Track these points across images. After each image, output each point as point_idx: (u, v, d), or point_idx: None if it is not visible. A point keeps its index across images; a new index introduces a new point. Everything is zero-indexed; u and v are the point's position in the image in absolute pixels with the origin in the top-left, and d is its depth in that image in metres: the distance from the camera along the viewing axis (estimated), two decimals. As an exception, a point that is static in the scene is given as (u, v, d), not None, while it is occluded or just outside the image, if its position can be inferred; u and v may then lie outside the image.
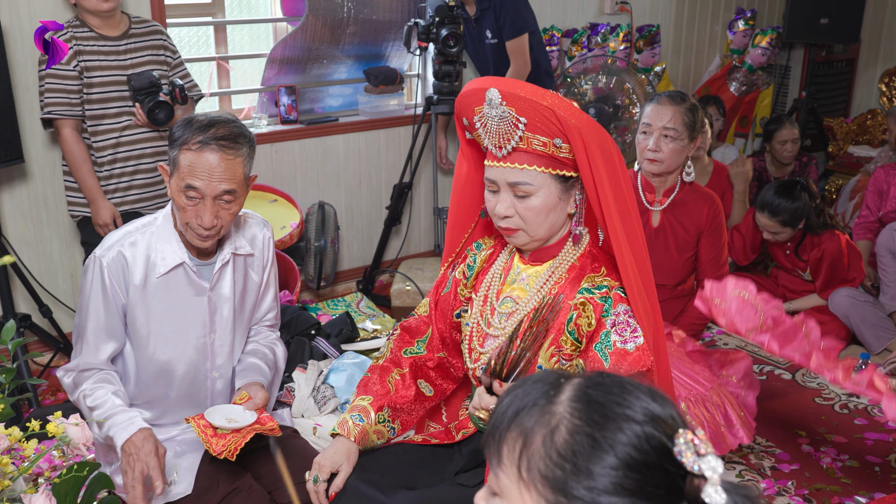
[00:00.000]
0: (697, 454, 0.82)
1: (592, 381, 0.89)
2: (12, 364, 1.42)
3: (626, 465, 0.82)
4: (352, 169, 4.18)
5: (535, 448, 0.86)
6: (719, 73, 5.31)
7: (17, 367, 1.44)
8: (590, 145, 1.49)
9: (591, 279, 1.61)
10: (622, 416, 0.84)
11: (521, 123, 1.50)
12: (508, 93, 1.50)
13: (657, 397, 0.88)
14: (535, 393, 0.89)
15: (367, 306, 3.96)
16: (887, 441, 2.87)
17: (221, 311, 2.01)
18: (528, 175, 1.56)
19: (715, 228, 2.85)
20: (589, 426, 0.84)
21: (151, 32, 3.04)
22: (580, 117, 1.49)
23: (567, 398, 0.87)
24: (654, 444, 0.83)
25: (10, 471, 1.26)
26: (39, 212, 3.34)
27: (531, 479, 0.85)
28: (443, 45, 3.66)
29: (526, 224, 1.60)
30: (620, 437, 0.83)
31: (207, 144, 1.80)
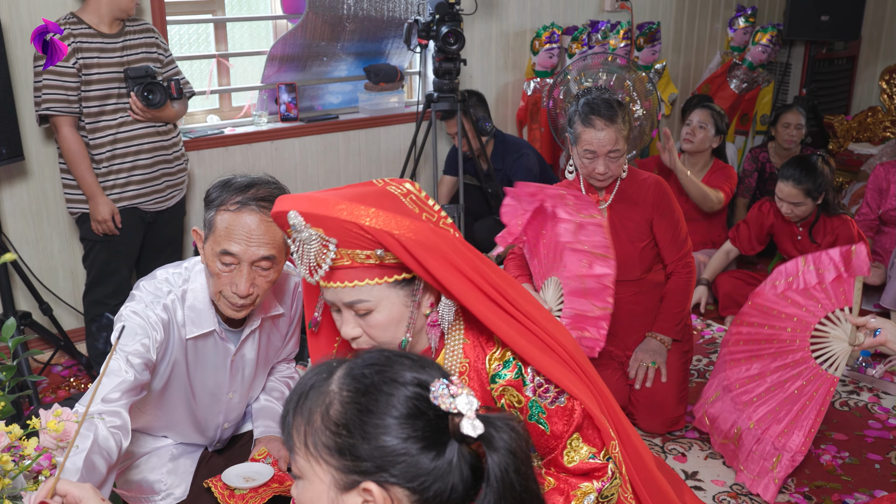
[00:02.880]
0: (452, 396, 0.94)
1: (361, 357, 1.01)
2: (12, 361, 1.42)
3: (394, 418, 0.94)
4: (352, 166, 4.18)
5: (316, 426, 0.97)
6: (720, 71, 5.30)
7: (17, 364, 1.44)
8: (411, 245, 1.30)
9: (494, 359, 1.47)
10: (386, 381, 0.97)
11: (332, 243, 1.32)
12: (311, 214, 1.32)
13: (421, 362, 1.01)
14: (310, 380, 1.01)
15: (368, 304, 3.96)
16: (888, 438, 2.87)
17: (243, 371, 1.95)
18: (361, 292, 1.36)
19: (664, 211, 2.82)
20: (358, 394, 0.96)
21: (145, 31, 3.05)
22: (396, 223, 1.30)
23: (339, 376, 0.99)
24: (415, 397, 0.96)
25: (10, 468, 1.26)
26: (39, 209, 3.34)
27: (318, 454, 0.97)
28: (443, 42, 3.66)
29: (377, 340, 1.42)
30: (387, 398, 0.95)
31: (247, 205, 1.67)
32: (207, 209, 1.73)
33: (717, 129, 4.01)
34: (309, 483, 0.98)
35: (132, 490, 1.95)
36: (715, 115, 4.03)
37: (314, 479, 0.97)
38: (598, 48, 4.66)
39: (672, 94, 5.19)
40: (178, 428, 2.00)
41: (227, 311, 1.77)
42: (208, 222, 1.72)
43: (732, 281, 3.88)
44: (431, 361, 1.02)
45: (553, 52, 4.52)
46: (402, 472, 0.93)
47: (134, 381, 1.67)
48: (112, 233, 2.98)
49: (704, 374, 3.34)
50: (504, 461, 0.94)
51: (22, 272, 3.04)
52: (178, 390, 1.89)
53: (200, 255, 1.78)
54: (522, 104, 4.61)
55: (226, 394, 1.95)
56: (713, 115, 4.02)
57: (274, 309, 1.93)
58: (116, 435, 1.58)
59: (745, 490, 2.57)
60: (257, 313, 1.89)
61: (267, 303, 1.91)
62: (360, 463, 0.94)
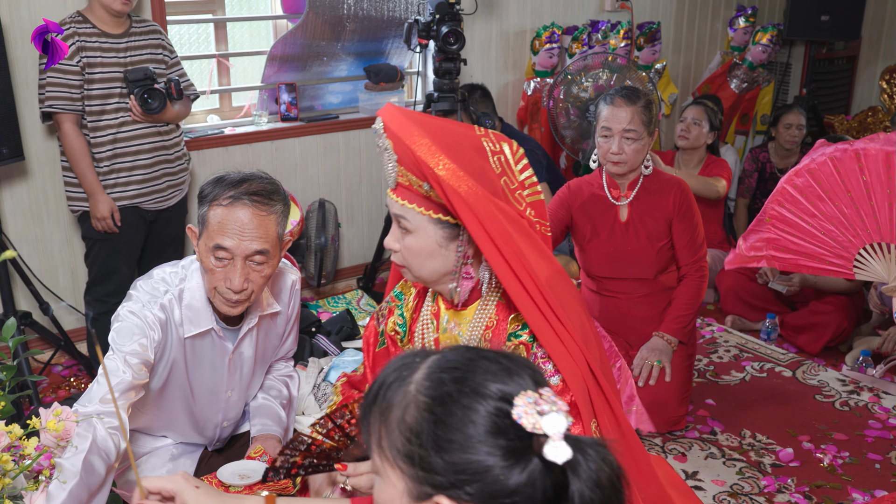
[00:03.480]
0: (539, 414, 0.84)
1: (443, 358, 0.92)
2: (13, 361, 1.42)
3: (471, 435, 0.86)
4: (352, 166, 4.18)
5: (391, 427, 0.91)
6: (720, 71, 5.30)
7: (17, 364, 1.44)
8: (453, 197, 1.37)
9: (514, 321, 1.54)
10: (465, 391, 0.88)
11: (394, 158, 1.44)
12: (388, 126, 1.44)
13: (509, 368, 0.90)
14: (392, 374, 0.94)
15: (368, 304, 3.96)
16: (888, 438, 2.87)
17: (241, 369, 1.95)
18: (407, 212, 1.48)
19: (685, 213, 2.84)
20: (435, 403, 0.88)
21: (150, 32, 3.06)
22: (449, 168, 1.37)
23: (418, 378, 0.91)
24: (496, 413, 0.86)
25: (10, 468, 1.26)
26: (40, 209, 3.34)
27: (392, 457, 0.90)
28: (443, 42, 3.66)
29: (407, 262, 1.53)
30: (465, 411, 0.87)
31: (239, 199, 1.69)
32: (201, 205, 1.74)
33: (711, 125, 4.04)
34: (384, 484, 0.93)
35: (132, 490, 1.95)
36: (709, 112, 4.05)
37: (388, 481, 0.92)
38: (598, 48, 4.66)
39: (672, 93, 5.19)
40: (177, 427, 2.00)
41: (223, 308, 1.77)
42: (201, 218, 1.73)
43: (735, 276, 3.87)
44: (523, 361, 0.93)
45: (553, 52, 4.51)
46: (478, 491, 0.86)
47: (132, 381, 1.66)
48: (111, 230, 2.98)
49: (705, 373, 3.35)
50: (588, 494, 0.84)
51: (22, 272, 3.04)
52: (177, 389, 1.89)
53: (196, 253, 1.78)
54: (522, 104, 4.61)
55: (224, 392, 1.95)
56: (707, 111, 4.04)
57: (271, 307, 1.92)
58: (115, 436, 1.58)
59: (744, 490, 2.57)
60: (254, 311, 1.88)
61: (263, 301, 1.90)
62: (433, 476, 0.87)
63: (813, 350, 3.51)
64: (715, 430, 2.93)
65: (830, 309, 3.51)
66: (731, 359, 3.49)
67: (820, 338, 3.51)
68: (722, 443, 2.84)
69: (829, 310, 3.51)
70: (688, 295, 2.85)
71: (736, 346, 3.61)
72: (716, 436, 2.89)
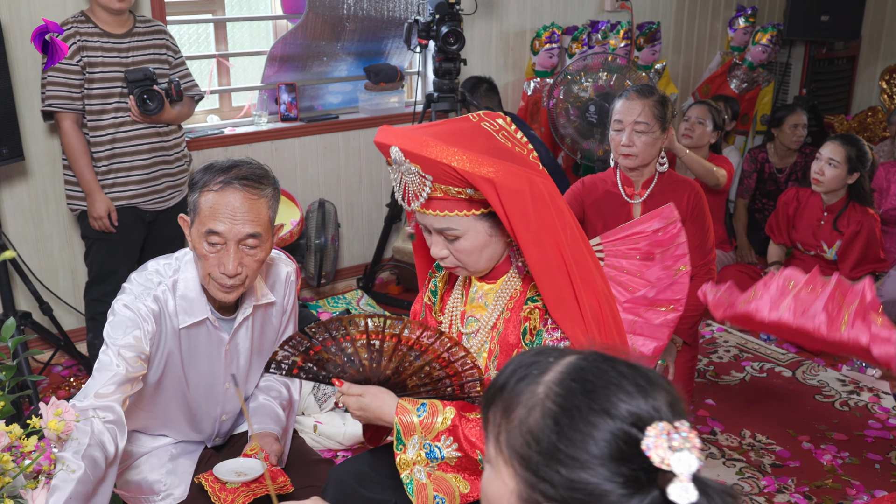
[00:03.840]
0: (671, 449, 0.78)
1: (578, 365, 0.88)
2: (12, 361, 1.42)
3: (593, 455, 0.81)
4: (352, 166, 4.18)
5: (512, 424, 0.87)
6: (720, 71, 5.30)
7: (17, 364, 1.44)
8: (502, 190, 1.41)
9: (534, 288, 1.58)
10: (595, 408, 0.83)
11: (428, 179, 1.46)
12: (409, 152, 1.45)
13: (644, 387, 0.85)
14: (525, 369, 0.90)
15: (368, 304, 3.96)
16: (888, 438, 2.87)
17: (238, 361, 1.94)
18: (450, 221, 1.51)
19: (697, 215, 2.85)
20: (561, 413, 0.84)
21: (154, 32, 3.05)
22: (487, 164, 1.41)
23: (550, 380, 0.87)
24: (624, 439, 0.82)
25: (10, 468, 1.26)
26: (39, 209, 3.34)
27: (508, 454, 0.87)
28: (443, 42, 3.66)
29: (462, 262, 1.58)
30: (590, 429, 0.82)
31: (230, 184, 1.70)
32: (192, 192, 1.75)
33: (714, 124, 4.04)
34: (495, 476, 0.90)
35: (132, 490, 1.95)
36: (713, 111, 4.05)
37: (499, 475, 0.89)
38: (598, 48, 4.66)
39: (672, 94, 5.18)
40: (175, 424, 1.99)
41: (218, 295, 1.77)
42: (193, 205, 1.74)
43: (736, 275, 3.88)
44: (661, 380, 0.87)
45: (553, 52, 4.52)
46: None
47: (126, 374, 1.67)
48: (108, 230, 2.98)
49: (705, 373, 3.35)
50: None
51: (22, 272, 3.04)
52: (174, 383, 1.89)
53: (188, 242, 1.78)
54: (522, 104, 4.61)
55: (221, 384, 1.94)
56: (711, 110, 4.05)
57: (265, 297, 1.93)
58: (111, 429, 1.58)
59: (745, 490, 2.57)
60: (248, 300, 1.89)
61: (257, 290, 1.91)
62: (546, 486, 0.83)
63: (813, 350, 3.51)
64: (715, 430, 2.93)
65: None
66: (731, 359, 3.49)
67: (820, 337, 3.50)
68: (722, 443, 2.84)
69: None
70: (695, 296, 2.86)
71: (736, 346, 3.61)
72: (716, 436, 2.89)
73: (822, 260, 3.70)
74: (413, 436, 1.54)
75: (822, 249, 3.67)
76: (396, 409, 1.55)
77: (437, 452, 1.53)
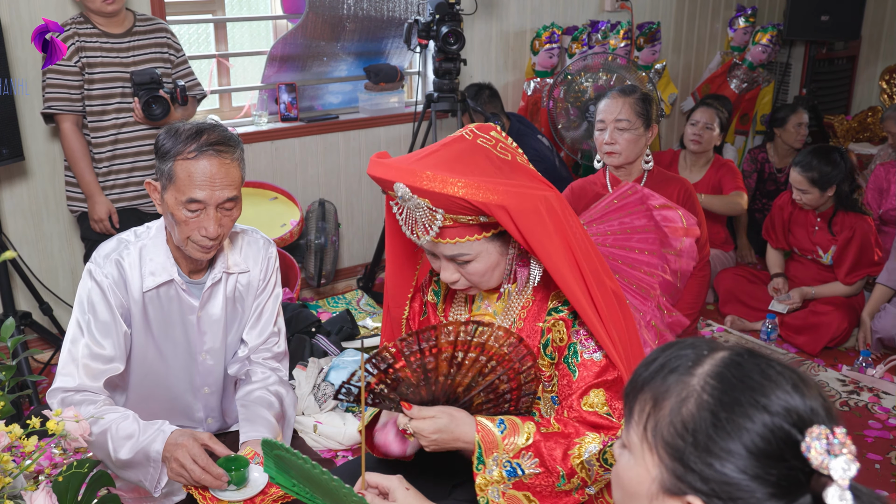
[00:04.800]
0: (829, 453, 0.78)
1: (734, 359, 0.87)
2: (12, 361, 1.42)
3: (747, 450, 0.81)
4: (352, 166, 4.18)
5: (662, 414, 0.87)
6: (720, 71, 5.30)
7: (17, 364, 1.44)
8: (517, 214, 1.41)
9: (558, 296, 1.57)
10: (754, 402, 0.82)
11: (440, 213, 1.43)
12: (418, 188, 1.41)
13: (800, 387, 0.84)
14: (676, 360, 0.90)
15: (368, 304, 3.96)
16: (888, 438, 2.87)
17: (212, 330, 1.94)
18: (462, 247, 1.49)
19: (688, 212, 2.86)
20: (718, 405, 0.83)
21: (155, 30, 3.04)
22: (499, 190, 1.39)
23: (704, 372, 0.87)
24: (781, 437, 0.81)
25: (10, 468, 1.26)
26: (40, 209, 3.34)
27: (655, 443, 0.87)
28: (443, 42, 3.66)
29: (474, 283, 1.56)
30: (747, 423, 0.82)
31: (204, 151, 1.72)
32: (163, 160, 1.77)
33: (721, 126, 4.09)
34: (635, 461, 0.90)
35: (132, 490, 1.94)
36: (719, 114, 4.10)
37: (641, 462, 0.89)
38: (598, 48, 4.66)
39: (672, 94, 5.19)
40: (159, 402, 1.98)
41: (196, 255, 1.82)
42: (167, 173, 1.76)
43: (734, 278, 3.88)
44: (814, 382, 0.87)
45: (553, 52, 4.52)
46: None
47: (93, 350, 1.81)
48: (109, 232, 2.98)
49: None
50: None
51: (22, 272, 3.04)
52: (149, 353, 1.91)
53: (158, 206, 1.82)
54: (522, 104, 4.61)
55: (198, 354, 1.95)
56: (717, 113, 4.08)
57: (236, 266, 1.95)
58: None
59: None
60: (218, 265, 1.92)
61: (228, 258, 1.93)
62: (694, 478, 0.83)
63: (813, 350, 3.51)
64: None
65: (830, 309, 3.51)
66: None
67: (820, 338, 3.51)
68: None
69: (829, 310, 3.51)
70: (692, 293, 2.87)
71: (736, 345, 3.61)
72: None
73: (819, 264, 3.71)
74: (493, 454, 1.47)
75: (818, 254, 3.68)
76: (476, 427, 1.47)
77: (517, 470, 1.47)
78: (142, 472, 1.74)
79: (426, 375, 1.44)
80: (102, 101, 2.92)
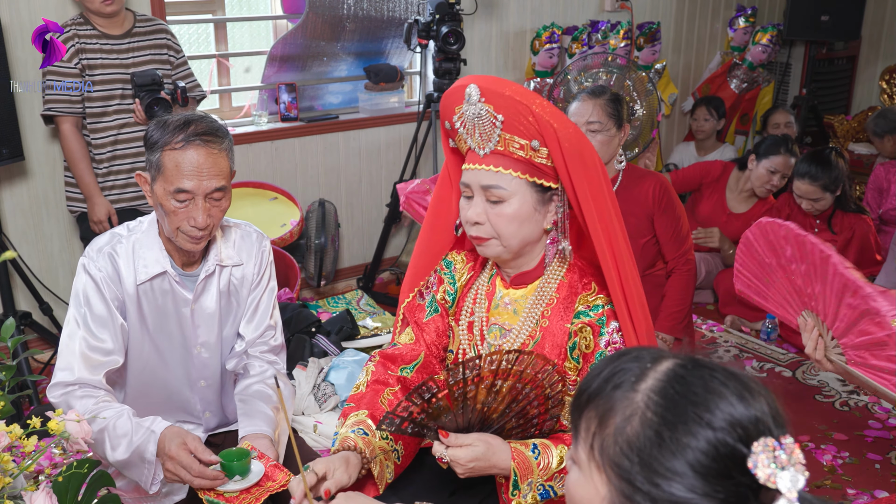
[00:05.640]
0: (776, 465, 0.76)
1: (677, 372, 0.86)
2: (12, 361, 1.42)
3: (693, 469, 0.79)
4: (352, 166, 4.18)
5: (608, 432, 0.85)
6: (720, 71, 5.30)
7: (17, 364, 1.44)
8: (567, 150, 1.42)
9: (585, 300, 1.55)
10: (696, 419, 0.81)
11: (499, 121, 1.44)
12: (487, 89, 1.44)
13: (745, 396, 0.82)
14: (620, 375, 0.87)
15: (368, 304, 3.96)
16: (888, 438, 2.87)
17: (207, 324, 1.95)
18: (502, 178, 1.48)
19: (665, 207, 2.84)
20: (661, 423, 0.82)
21: (155, 31, 3.04)
22: (560, 120, 1.43)
23: (648, 387, 0.85)
24: (726, 453, 0.79)
25: (10, 468, 1.26)
26: (40, 209, 3.34)
27: (602, 462, 0.85)
28: (443, 42, 3.66)
29: (498, 232, 1.52)
30: (691, 441, 0.80)
31: (192, 141, 1.74)
32: (151, 151, 1.79)
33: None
34: (585, 480, 0.88)
35: (132, 490, 1.94)
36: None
37: (590, 480, 0.87)
38: (598, 48, 4.66)
39: (672, 94, 5.19)
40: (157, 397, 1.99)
41: (187, 245, 1.83)
42: (155, 164, 1.78)
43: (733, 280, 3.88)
44: (760, 388, 0.85)
45: (553, 52, 4.52)
46: None
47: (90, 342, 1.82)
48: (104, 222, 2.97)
49: (704, 373, 3.35)
50: None
51: (22, 272, 3.04)
52: (144, 345, 1.92)
53: (148, 197, 1.84)
54: (522, 104, 4.60)
55: (193, 347, 1.95)
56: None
57: (230, 259, 1.95)
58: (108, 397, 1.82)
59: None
60: (212, 258, 1.92)
61: (221, 251, 1.94)
62: (642, 497, 0.82)
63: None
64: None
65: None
66: (731, 359, 3.49)
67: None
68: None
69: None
70: (678, 290, 2.85)
71: (736, 346, 3.61)
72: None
73: None
74: (528, 479, 1.46)
75: None
76: (512, 455, 1.45)
77: (550, 492, 1.47)
78: (137, 472, 1.75)
79: (465, 403, 1.42)
80: (102, 102, 2.92)
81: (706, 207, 4.07)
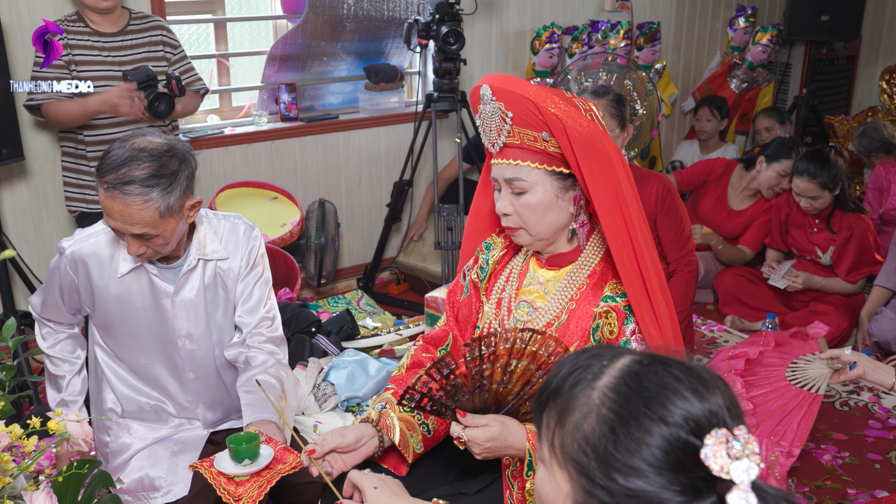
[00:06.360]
0: (729, 456, 0.77)
1: (632, 369, 0.87)
2: (13, 361, 1.42)
3: (649, 465, 0.81)
4: (352, 166, 4.18)
5: (567, 430, 0.87)
6: (720, 71, 5.30)
7: (17, 364, 1.44)
8: (576, 139, 1.47)
9: (614, 286, 1.58)
10: (650, 415, 0.82)
11: (509, 117, 1.51)
12: (498, 87, 1.52)
13: (700, 390, 0.83)
14: (580, 372, 0.89)
15: (368, 304, 3.96)
16: (888, 438, 2.87)
17: (189, 316, 1.95)
18: (521, 171, 1.55)
19: (668, 208, 2.84)
20: (617, 420, 0.83)
21: (151, 28, 3.02)
22: (563, 109, 1.47)
23: (604, 385, 0.86)
24: (680, 447, 0.81)
25: (10, 468, 1.26)
26: (40, 209, 3.34)
27: (563, 459, 0.87)
28: (443, 42, 3.66)
29: (524, 222, 1.58)
30: (646, 437, 0.81)
31: (113, 189, 1.72)
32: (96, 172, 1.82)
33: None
34: (549, 478, 0.90)
35: (132, 488, 1.95)
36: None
37: (554, 478, 0.89)
38: (598, 48, 4.66)
39: (672, 94, 5.19)
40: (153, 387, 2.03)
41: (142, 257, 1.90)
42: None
43: (733, 278, 3.88)
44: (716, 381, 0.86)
45: (553, 52, 4.51)
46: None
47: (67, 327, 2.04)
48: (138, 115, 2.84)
49: (704, 373, 3.35)
50: None
51: (22, 272, 3.04)
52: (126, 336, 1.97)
53: None
54: (522, 104, 4.60)
55: (177, 339, 1.96)
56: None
57: (216, 253, 1.95)
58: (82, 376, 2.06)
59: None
60: (193, 251, 1.93)
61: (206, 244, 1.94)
62: (602, 493, 0.83)
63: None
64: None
65: (830, 309, 3.51)
66: (731, 359, 3.49)
67: (820, 338, 3.51)
68: (722, 443, 2.84)
69: (829, 310, 3.51)
70: (679, 291, 2.85)
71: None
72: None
73: (818, 265, 3.70)
74: None
75: (817, 255, 3.68)
76: (527, 436, 1.47)
77: None
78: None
79: (481, 382, 1.44)
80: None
81: (707, 203, 4.09)
